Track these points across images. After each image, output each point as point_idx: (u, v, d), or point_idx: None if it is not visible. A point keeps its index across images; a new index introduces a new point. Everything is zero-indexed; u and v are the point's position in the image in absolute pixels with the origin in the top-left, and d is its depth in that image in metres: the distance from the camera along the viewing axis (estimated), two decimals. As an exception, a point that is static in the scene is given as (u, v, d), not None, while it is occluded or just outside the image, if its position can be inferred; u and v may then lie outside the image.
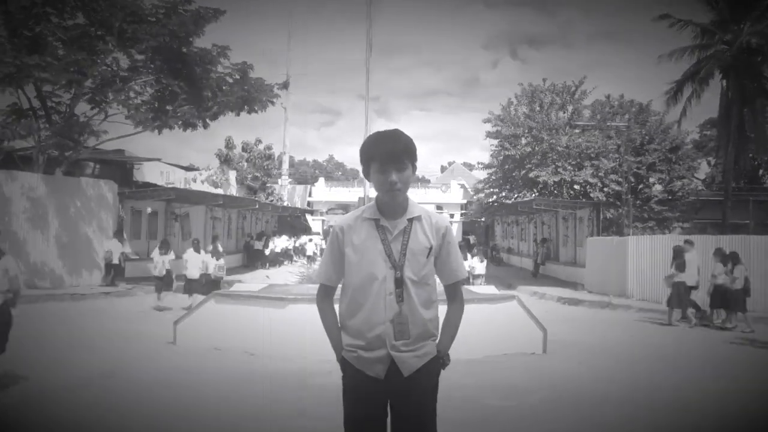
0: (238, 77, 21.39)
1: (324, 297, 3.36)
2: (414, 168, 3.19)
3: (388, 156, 3.10)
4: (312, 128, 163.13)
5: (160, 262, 15.97)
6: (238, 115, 22.25)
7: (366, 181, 22.15)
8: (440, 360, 3.21)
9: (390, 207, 3.16)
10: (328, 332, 3.30)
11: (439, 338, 3.25)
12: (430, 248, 3.16)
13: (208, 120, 22.01)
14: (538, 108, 33.53)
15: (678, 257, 15.05)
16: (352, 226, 3.20)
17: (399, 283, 3.09)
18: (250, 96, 21.63)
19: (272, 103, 22.73)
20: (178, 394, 7.36)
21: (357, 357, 3.14)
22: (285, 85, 24.23)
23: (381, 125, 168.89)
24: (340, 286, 3.33)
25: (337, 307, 3.32)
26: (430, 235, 3.18)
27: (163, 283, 15.94)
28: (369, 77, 14.16)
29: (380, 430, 3.16)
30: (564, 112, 33.56)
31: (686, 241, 16.33)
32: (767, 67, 27.33)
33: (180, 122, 21.44)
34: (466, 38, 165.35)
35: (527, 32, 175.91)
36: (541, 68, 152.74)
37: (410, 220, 3.17)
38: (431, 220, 3.22)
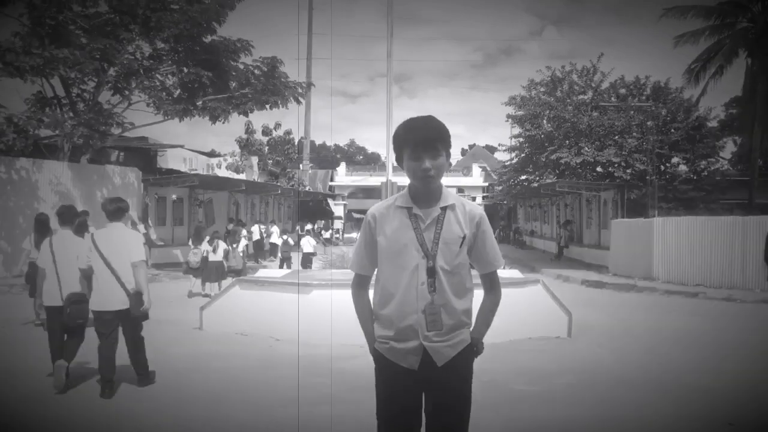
0: (265, 69, 21.39)
1: (358, 287, 3.33)
2: (448, 155, 3.14)
3: (422, 142, 3.05)
4: (333, 109, 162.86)
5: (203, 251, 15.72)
6: (261, 109, 22.37)
7: (388, 166, 22.13)
8: (474, 348, 3.18)
9: (423, 195, 3.11)
10: (362, 323, 3.27)
11: (473, 326, 3.22)
12: (464, 237, 3.10)
13: (236, 113, 22.15)
14: (558, 93, 33.21)
15: None
16: (385, 215, 3.16)
17: (431, 272, 3.05)
18: (276, 91, 21.66)
19: (298, 101, 22.80)
20: (205, 379, 7.46)
21: (389, 348, 3.12)
22: (308, 86, 24.29)
23: (403, 103, 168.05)
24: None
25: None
26: (464, 223, 3.13)
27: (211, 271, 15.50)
28: (391, 55, 14.06)
29: (415, 422, 3.14)
30: (584, 95, 33.19)
31: None
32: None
33: (207, 115, 21.61)
34: (483, 19, 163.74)
35: (551, 12, 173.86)
36: (562, 48, 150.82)
37: (443, 209, 3.11)
38: (465, 208, 3.17)
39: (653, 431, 5.98)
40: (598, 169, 30.76)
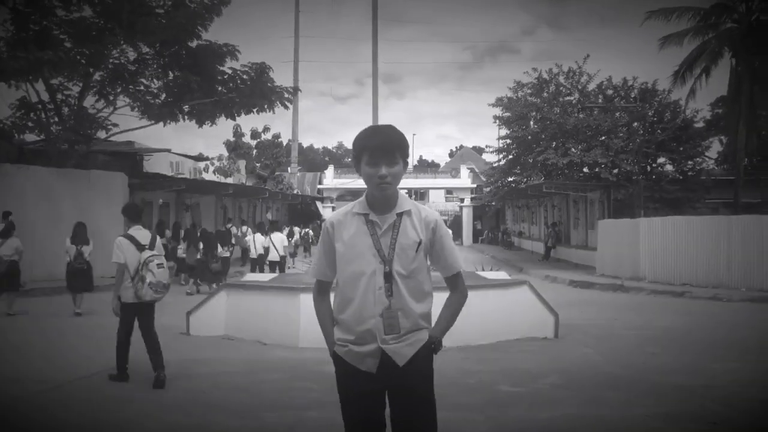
0: (252, 75, 21.38)
1: (319, 292, 3.39)
2: (405, 164, 3.19)
3: (380, 149, 3.10)
4: (321, 111, 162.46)
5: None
6: (248, 113, 22.42)
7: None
8: (432, 345, 3.20)
9: (379, 201, 3.17)
10: (322, 328, 3.33)
11: (434, 324, 3.26)
12: (420, 242, 3.15)
13: (224, 117, 22.19)
14: (545, 95, 33.30)
15: None
16: (342, 222, 3.22)
17: (388, 277, 3.09)
18: (263, 95, 21.67)
19: (285, 107, 22.84)
20: (190, 385, 7.42)
21: (348, 351, 3.17)
22: (295, 91, 24.35)
23: (392, 105, 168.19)
24: None
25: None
26: (420, 229, 3.18)
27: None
28: (376, 57, 14.05)
29: (378, 424, 3.18)
30: (571, 97, 33.30)
31: None
32: (777, 44, 27.03)
33: (194, 118, 21.62)
34: (472, 20, 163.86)
35: (538, 14, 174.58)
36: (551, 49, 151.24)
37: (399, 215, 3.17)
38: (421, 214, 3.22)
39: (639, 431, 6.01)
40: (585, 169, 30.84)
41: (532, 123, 32.91)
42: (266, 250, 18.06)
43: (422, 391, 3.17)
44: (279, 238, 18.46)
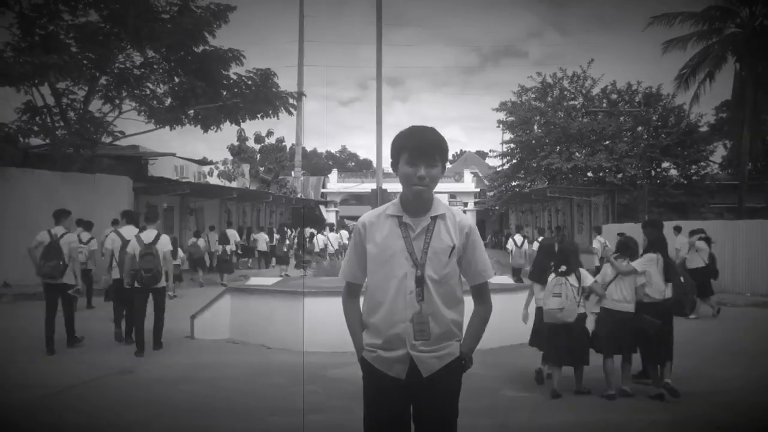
0: (258, 81, 21.43)
1: (348, 295, 3.33)
2: (443, 168, 3.14)
3: (419, 150, 3.05)
4: (325, 114, 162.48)
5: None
6: (253, 119, 22.53)
7: (379, 172, 22.09)
8: (462, 362, 3.14)
9: (414, 204, 3.11)
10: (351, 331, 3.26)
11: (462, 339, 3.19)
12: (453, 247, 3.09)
13: (228, 122, 22.28)
14: (549, 99, 33.35)
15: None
16: (375, 223, 3.16)
17: (420, 281, 3.03)
18: (267, 101, 21.72)
19: (290, 112, 22.89)
20: (195, 388, 7.44)
21: (377, 357, 3.11)
22: (299, 96, 24.43)
23: (395, 108, 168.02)
24: None
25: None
26: (454, 234, 3.12)
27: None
28: (380, 62, 14.17)
29: (402, 431, 3.12)
30: (575, 101, 33.34)
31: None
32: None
33: (198, 123, 21.69)
34: (477, 23, 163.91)
35: (542, 19, 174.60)
36: (555, 53, 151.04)
37: (434, 218, 3.11)
38: (455, 218, 3.16)
39: (643, 436, 6.01)
40: (589, 174, 30.89)
41: (536, 127, 32.94)
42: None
43: (445, 404, 3.11)
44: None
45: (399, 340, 3.05)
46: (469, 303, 3.27)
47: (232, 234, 23.90)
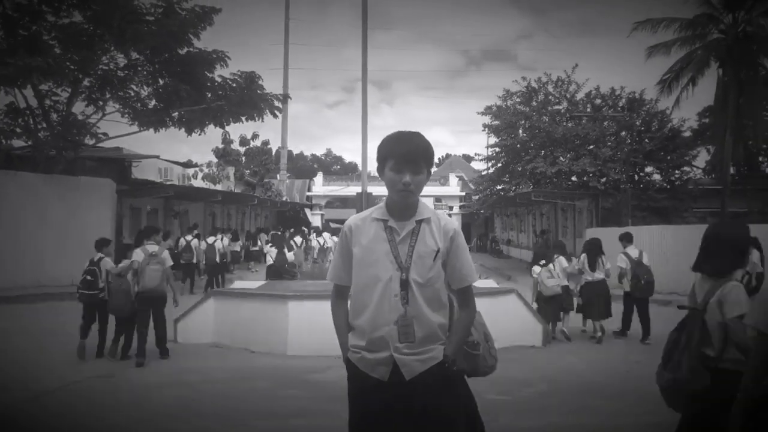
0: (242, 83, 21.37)
1: (336, 297, 3.35)
2: (428, 174, 3.18)
3: (405, 156, 3.09)
4: (310, 118, 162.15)
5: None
6: (237, 121, 22.46)
7: (364, 176, 22.14)
8: (445, 365, 3.14)
9: (399, 208, 3.15)
10: (337, 333, 3.29)
11: (446, 343, 3.19)
12: (438, 251, 3.12)
13: (213, 125, 22.19)
14: (534, 104, 33.48)
15: None
16: (360, 226, 3.19)
17: (404, 285, 3.06)
18: (252, 104, 21.67)
19: (274, 115, 22.83)
20: (178, 392, 7.41)
21: (360, 358, 3.13)
22: (285, 98, 24.35)
23: (382, 111, 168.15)
24: None
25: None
26: (438, 237, 3.15)
27: None
28: (366, 62, 14.16)
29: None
30: (559, 106, 33.48)
31: None
32: (763, 54, 27.31)
33: (183, 126, 21.61)
34: (463, 28, 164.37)
35: (526, 24, 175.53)
36: (540, 57, 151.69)
37: (419, 222, 3.14)
38: (440, 222, 3.19)
39: (625, 439, 6.04)
40: (573, 178, 30.98)
41: (521, 131, 33.05)
42: None
43: (431, 408, 3.08)
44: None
45: (383, 343, 3.07)
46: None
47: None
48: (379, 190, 3.55)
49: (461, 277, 3.23)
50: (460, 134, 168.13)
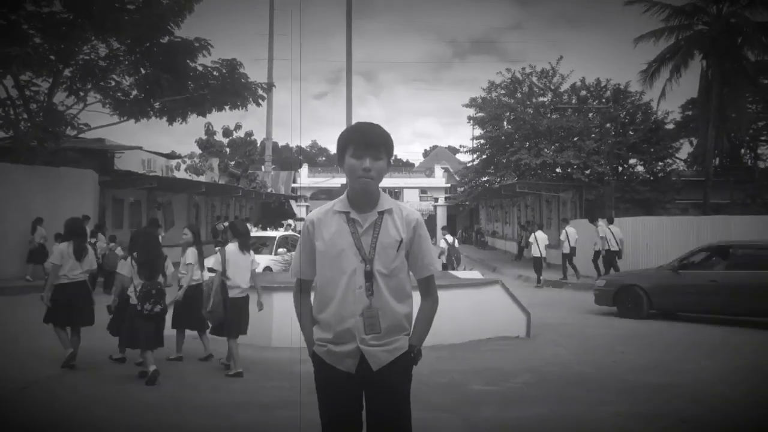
0: (224, 71, 21.20)
1: (298, 291, 3.34)
2: (389, 163, 3.20)
3: (365, 142, 3.11)
4: (296, 108, 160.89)
5: None
6: (220, 110, 22.27)
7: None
8: (411, 354, 3.18)
9: (361, 199, 3.15)
10: (302, 327, 3.29)
11: (411, 333, 3.23)
12: (401, 241, 3.14)
13: (195, 114, 22.00)
14: (518, 95, 33.53)
15: None
16: (323, 220, 3.19)
17: (369, 276, 3.07)
18: (235, 92, 21.51)
19: (258, 104, 22.65)
20: (162, 384, 7.34)
21: (327, 351, 3.13)
22: (269, 87, 24.16)
23: (369, 102, 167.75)
24: None
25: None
26: (401, 228, 3.16)
27: None
28: (351, 52, 14.07)
29: (355, 424, 3.15)
30: (544, 97, 33.54)
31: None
32: (747, 47, 27.46)
33: (165, 115, 21.41)
34: (449, 19, 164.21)
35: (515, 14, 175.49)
36: (526, 48, 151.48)
37: (381, 213, 3.15)
38: (402, 213, 3.21)
39: (610, 429, 6.06)
40: (558, 170, 31.09)
41: (505, 123, 33.08)
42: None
43: (397, 397, 3.14)
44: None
45: (349, 335, 3.08)
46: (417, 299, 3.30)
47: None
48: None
49: (424, 266, 3.26)
50: (448, 125, 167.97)
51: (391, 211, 3.18)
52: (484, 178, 36.46)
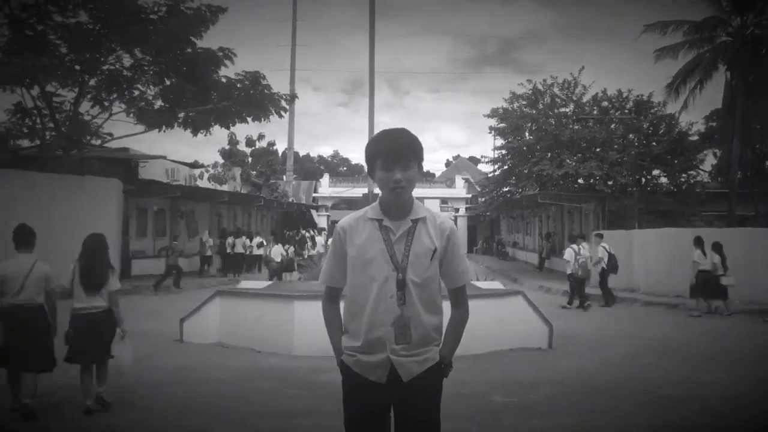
0: (247, 83, 21.32)
1: (328, 299, 3.29)
2: (420, 168, 3.11)
3: (393, 153, 3.02)
4: (317, 117, 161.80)
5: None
6: (243, 122, 22.42)
7: (370, 178, 22.24)
8: (441, 366, 3.12)
9: (394, 207, 3.08)
10: (330, 336, 3.23)
11: (441, 344, 3.16)
12: (435, 250, 3.07)
13: (219, 125, 22.15)
14: (540, 106, 33.42)
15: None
16: (354, 227, 3.12)
17: (401, 285, 3.00)
18: (258, 104, 21.63)
19: (280, 115, 22.75)
20: (184, 392, 7.39)
21: (356, 361, 3.07)
22: (292, 98, 24.27)
23: (392, 111, 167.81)
24: None
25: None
26: (435, 236, 3.09)
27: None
28: (374, 66, 14.13)
29: None
30: (566, 108, 33.40)
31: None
32: (771, 58, 27.17)
33: (189, 127, 21.59)
34: (474, 27, 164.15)
35: (529, 23, 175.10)
36: (548, 59, 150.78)
37: (414, 221, 3.08)
38: (436, 221, 3.13)
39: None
40: (580, 181, 30.91)
41: (527, 134, 32.98)
42: None
43: (426, 409, 3.08)
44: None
45: (380, 344, 3.01)
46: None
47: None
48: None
49: (457, 275, 3.19)
50: (472, 134, 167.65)
51: (425, 220, 3.10)
52: (506, 189, 36.34)
